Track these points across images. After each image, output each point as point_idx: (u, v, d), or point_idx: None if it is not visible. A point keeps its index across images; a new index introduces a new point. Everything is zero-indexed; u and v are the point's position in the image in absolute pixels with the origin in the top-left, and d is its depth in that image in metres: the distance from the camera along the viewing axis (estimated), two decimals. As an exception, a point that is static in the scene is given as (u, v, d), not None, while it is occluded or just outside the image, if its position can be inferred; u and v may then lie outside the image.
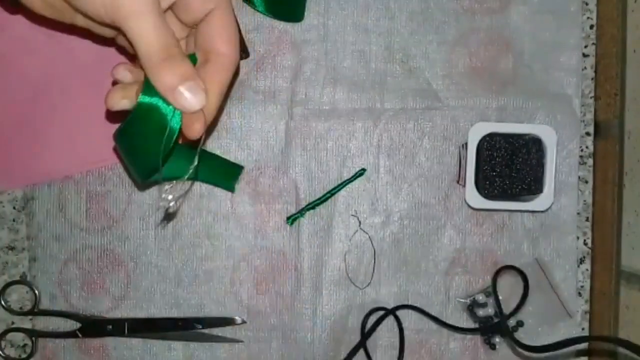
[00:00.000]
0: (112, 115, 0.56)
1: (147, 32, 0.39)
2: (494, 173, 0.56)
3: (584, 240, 0.60)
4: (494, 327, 0.59)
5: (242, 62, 0.58)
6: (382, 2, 0.59)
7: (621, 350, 0.56)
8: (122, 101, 0.44)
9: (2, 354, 0.58)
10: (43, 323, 0.59)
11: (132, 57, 0.48)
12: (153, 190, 0.58)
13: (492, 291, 0.58)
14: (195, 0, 0.44)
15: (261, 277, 0.59)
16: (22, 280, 0.58)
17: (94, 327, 0.58)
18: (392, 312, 0.59)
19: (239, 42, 0.46)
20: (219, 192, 0.59)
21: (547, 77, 0.59)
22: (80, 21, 0.45)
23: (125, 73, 0.45)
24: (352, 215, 0.59)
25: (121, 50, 0.50)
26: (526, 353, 0.59)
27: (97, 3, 0.39)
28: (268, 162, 0.59)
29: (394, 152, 0.60)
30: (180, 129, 0.43)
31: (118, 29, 0.41)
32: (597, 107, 0.60)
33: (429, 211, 0.60)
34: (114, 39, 0.48)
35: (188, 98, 0.41)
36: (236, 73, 0.50)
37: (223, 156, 0.59)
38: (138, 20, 0.39)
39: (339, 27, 0.59)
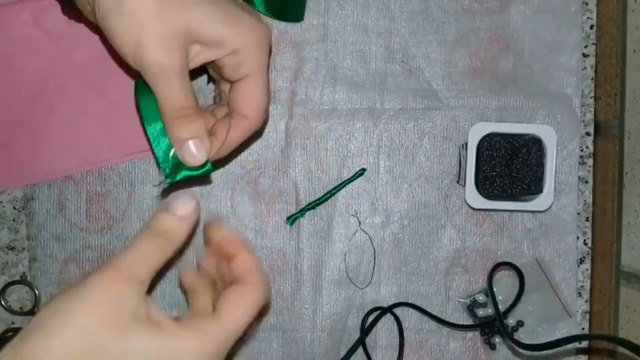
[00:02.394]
0: (112, 116, 0.56)
1: (169, 93, 0.42)
2: (494, 173, 0.56)
3: (584, 240, 0.60)
4: (492, 323, 0.59)
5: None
6: (382, 2, 0.59)
7: (621, 349, 0.56)
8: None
9: None
10: (43, 323, 0.59)
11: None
12: (153, 191, 0.58)
13: (488, 287, 0.58)
14: (228, 67, 0.45)
15: (261, 277, 0.59)
16: (22, 280, 0.58)
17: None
18: (389, 309, 0.59)
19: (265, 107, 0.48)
20: (219, 192, 0.59)
21: (547, 77, 0.59)
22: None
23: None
24: (352, 215, 0.59)
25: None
26: (525, 352, 0.59)
27: (128, 55, 0.42)
28: (268, 162, 0.59)
29: (394, 152, 0.60)
30: None
31: None
32: (597, 107, 0.60)
33: (429, 211, 0.60)
34: None
35: (192, 153, 0.44)
36: (258, 132, 0.52)
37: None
38: (161, 82, 0.42)
39: (339, 27, 0.59)
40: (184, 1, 0.42)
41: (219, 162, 0.54)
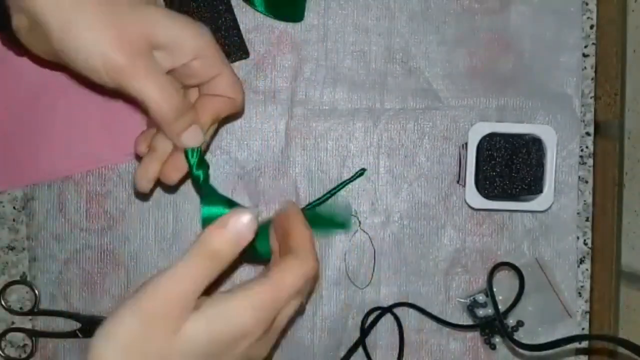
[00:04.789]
0: (112, 116, 0.56)
1: (153, 92, 0.42)
2: (494, 173, 0.56)
3: (584, 240, 0.60)
4: (492, 323, 0.59)
5: (242, 62, 0.58)
6: (382, 2, 0.59)
7: (621, 350, 0.56)
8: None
9: (2, 354, 0.58)
10: (43, 323, 0.59)
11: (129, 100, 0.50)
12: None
13: (488, 287, 0.58)
14: (199, 69, 0.46)
15: (261, 277, 0.59)
16: (22, 280, 0.58)
17: (94, 327, 0.58)
18: (389, 309, 0.59)
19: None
20: (219, 192, 0.59)
21: (547, 77, 0.59)
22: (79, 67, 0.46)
23: (143, 149, 0.49)
24: (352, 215, 0.59)
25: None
26: (525, 352, 0.59)
27: (99, 69, 0.41)
28: (268, 162, 0.59)
29: (394, 152, 0.60)
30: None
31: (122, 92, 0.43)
32: (597, 107, 0.60)
33: (429, 211, 0.60)
34: (105, 86, 0.48)
35: (193, 137, 0.46)
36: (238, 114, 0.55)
37: (223, 157, 0.59)
38: (141, 82, 0.41)
39: (339, 27, 0.59)
40: (134, 11, 0.42)
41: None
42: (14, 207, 0.58)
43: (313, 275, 0.43)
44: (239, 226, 0.39)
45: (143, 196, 0.58)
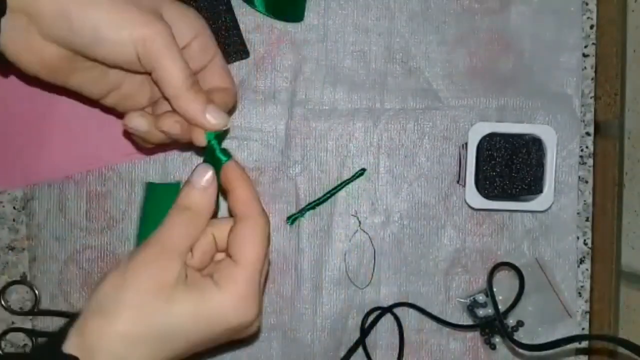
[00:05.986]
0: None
1: (176, 67, 0.43)
2: (494, 173, 0.56)
3: (584, 240, 0.60)
4: (491, 323, 0.59)
5: (242, 62, 0.58)
6: (382, 2, 0.59)
7: (621, 349, 0.56)
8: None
9: (2, 354, 0.58)
10: (43, 323, 0.59)
11: (120, 114, 0.49)
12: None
13: (488, 287, 0.58)
14: (197, 51, 0.47)
15: (261, 277, 0.59)
16: (22, 280, 0.58)
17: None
18: (389, 309, 0.59)
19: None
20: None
21: (547, 77, 0.59)
22: (75, 81, 0.46)
23: (141, 120, 0.46)
24: (352, 215, 0.59)
25: (108, 110, 0.51)
26: (525, 352, 0.59)
27: (130, 53, 0.42)
28: (268, 162, 0.59)
29: (394, 152, 0.60)
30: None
31: (139, 73, 0.44)
32: (597, 107, 0.60)
33: (429, 211, 0.60)
34: (100, 100, 0.48)
35: (219, 114, 0.45)
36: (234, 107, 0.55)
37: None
38: (168, 60, 0.42)
39: (339, 27, 0.59)
40: None
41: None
42: (14, 207, 0.58)
43: (269, 231, 0.44)
44: (203, 182, 0.43)
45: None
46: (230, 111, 0.54)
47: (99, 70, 0.45)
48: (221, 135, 0.45)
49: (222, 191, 0.45)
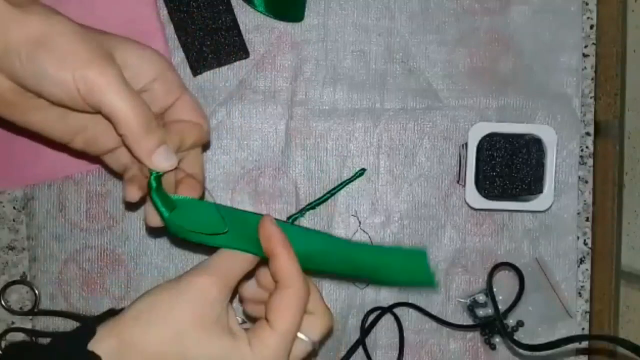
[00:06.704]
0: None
1: (123, 104, 0.41)
2: (494, 173, 0.56)
3: (584, 240, 0.60)
4: (492, 323, 0.59)
5: (242, 62, 0.58)
6: (382, 2, 0.59)
7: (621, 350, 0.56)
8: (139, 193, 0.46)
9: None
10: (43, 323, 0.59)
11: (93, 158, 0.48)
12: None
13: (488, 287, 0.58)
14: (160, 92, 0.45)
15: (261, 277, 0.59)
16: (22, 280, 0.58)
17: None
18: (389, 309, 0.59)
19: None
20: (219, 192, 0.59)
21: (547, 77, 0.59)
22: (35, 120, 0.44)
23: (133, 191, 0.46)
24: (352, 215, 0.59)
25: (77, 154, 0.50)
26: (525, 353, 0.59)
27: (72, 90, 0.40)
28: (268, 162, 0.59)
29: (394, 152, 0.60)
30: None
31: (85, 112, 0.42)
32: (597, 107, 0.60)
33: (429, 211, 0.60)
34: (68, 144, 0.47)
35: (165, 156, 0.43)
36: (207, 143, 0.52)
37: (223, 157, 0.59)
38: (113, 94, 0.41)
39: (339, 27, 0.59)
40: (96, 35, 0.42)
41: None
42: (14, 207, 0.58)
43: (306, 304, 0.43)
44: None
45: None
46: (204, 147, 0.53)
47: (58, 111, 0.43)
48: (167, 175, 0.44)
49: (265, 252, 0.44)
